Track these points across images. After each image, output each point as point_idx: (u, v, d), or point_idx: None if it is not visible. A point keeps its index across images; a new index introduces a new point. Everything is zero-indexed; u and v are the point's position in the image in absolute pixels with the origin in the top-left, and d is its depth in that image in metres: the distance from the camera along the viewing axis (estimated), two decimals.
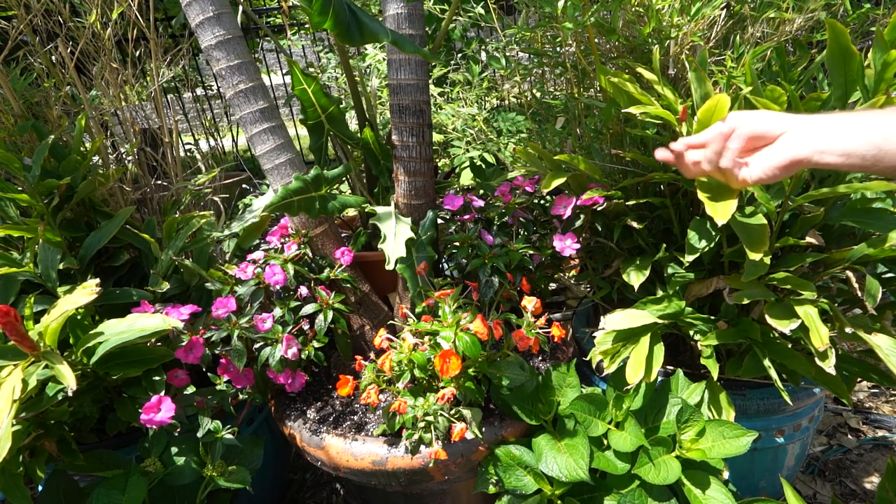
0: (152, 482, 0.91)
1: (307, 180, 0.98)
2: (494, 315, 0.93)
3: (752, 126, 0.62)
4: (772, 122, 0.61)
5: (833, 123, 0.56)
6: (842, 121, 0.56)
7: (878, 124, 0.53)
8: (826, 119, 0.58)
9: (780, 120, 0.61)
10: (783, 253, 0.92)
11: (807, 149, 0.57)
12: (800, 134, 0.58)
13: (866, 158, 0.53)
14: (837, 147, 0.55)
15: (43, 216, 1.03)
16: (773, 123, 0.61)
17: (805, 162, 0.58)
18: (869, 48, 0.76)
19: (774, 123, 0.61)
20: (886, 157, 0.52)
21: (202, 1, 0.95)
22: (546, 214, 1.17)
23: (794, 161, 0.58)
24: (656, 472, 0.84)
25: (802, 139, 0.58)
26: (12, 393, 0.72)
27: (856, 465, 1.34)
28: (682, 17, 0.96)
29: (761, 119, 0.62)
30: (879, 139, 0.53)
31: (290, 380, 1.01)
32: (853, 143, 0.54)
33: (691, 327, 0.94)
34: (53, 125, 1.30)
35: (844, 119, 0.56)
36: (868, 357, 0.95)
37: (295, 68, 1.05)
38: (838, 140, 0.55)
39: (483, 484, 0.93)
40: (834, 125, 0.56)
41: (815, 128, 0.57)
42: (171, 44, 2.58)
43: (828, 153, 0.55)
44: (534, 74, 1.48)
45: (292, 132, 3.75)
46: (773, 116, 0.62)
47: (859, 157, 0.54)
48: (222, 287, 1.03)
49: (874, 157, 0.53)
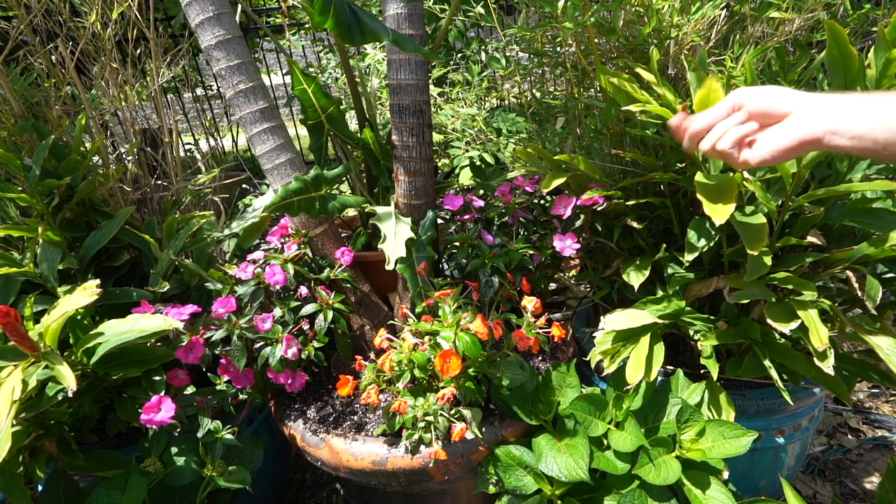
0: (152, 482, 0.91)
1: (307, 180, 0.98)
2: (494, 315, 0.93)
3: (758, 102, 0.58)
4: (780, 99, 0.57)
5: (846, 103, 0.52)
6: (855, 101, 0.52)
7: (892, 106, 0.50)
8: (838, 98, 0.53)
9: (788, 97, 0.56)
10: (783, 253, 0.92)
11: (818, 128, 0.53)
12: (810, 113, 0.54)
13: (878, 142, 0.50)
14: (850, 128, 0.51)
15: (43, 216, 1.03)
16: (780, 101, 0.56)
17: (815, 143, 0.54)
18: (869, 48, 0.76)
19: (782, 101, 0.56)
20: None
21: (202, 1, 0.95)
22: (546, 214, 1.17)
23: (803, 142, 0.54)
24: (656, 472, 0.84)
25: (813, 118, 0.54)
26: (12, 393, 0.72)
27: (856, 465, 1.34)
28: (682, 17, 0.96)
29: (769, 95, 0.57)
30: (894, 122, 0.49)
31: (290, 380, 1.01)
32: (868, 125, 0.50)
33: (691, 327, 0.94)
34: (53, 125, 1.30)
35: (858, 99, 0.52)
36: (868, 357, 0.95)
37: (295, 68, 1.05)
38: (852, 121, 0.51)
39: (483, 484, 0.93)
40: (847, 105, 0.52)
41: (827, 107, 0.53)
42: (171, 44, 2.58)
43: (840, 134, 0.52)
44: (534, 74, 1.48)
45: (292, 132, 3.75)
46: (782, 93, 0.57)
47: (872, 140, 0.50)
48: (222, 287, 1.03)
49: (887, 140, 0.49)
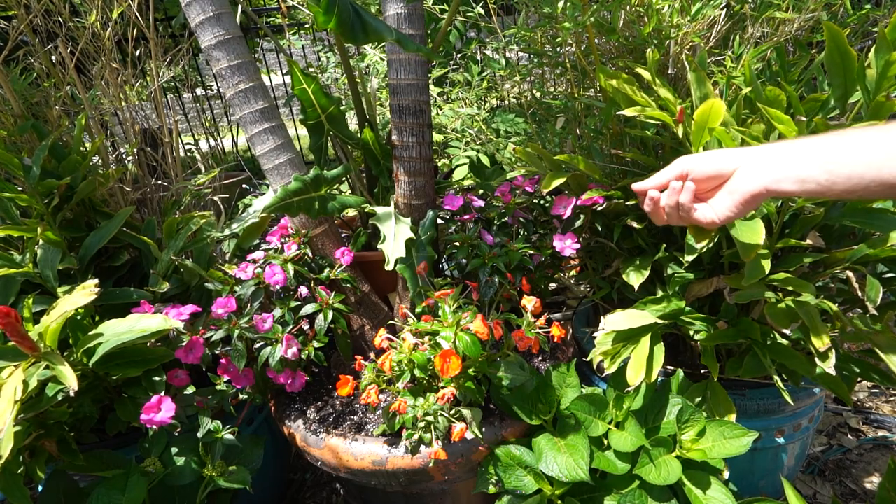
0: (152, 482, 0.91)
1: (307, 180, 0.98)
2: (494, 315, 0.93)
3: (703, 168, 0.62)
4: (722, 160, 0.61)
5: (785, 151, 0.56)
6: (794, 148, 0.56)
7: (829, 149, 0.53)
8: (778, 147, 0.57)
9: (730, 156, 0.61)
10: (783, 253, 0.92)
11: (762, 181, 0.57)
12: (752, 167, 0.58)
13: (821, 184, 0.53)
14: (791, 174, 0.55)
15: (43, 216, 1.03)
16: (724, 161, 0.61)
17: (764, 193, 0.58)
18: (869, 48, 0.76)
19: (725, 161, 0.61)
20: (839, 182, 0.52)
21: (202, 1, 0.95)
22: (546, 214, 1.17)
23: (752, 195, 0.58)
24: (657, 472, 0.84)
25: (756, 172, 0.58)
26: (14, 394, 0.72)
27: (856, 465, 1.34)
28: (682, 17, 0.96)
29: (711, 159, 0.62)
30: (831, 164, 0.52)
31: (290, 380, 1.01)
32: (806, 170, 0.54)
33: (691, 327, 0.94)
34: (53, 125, 1.30)
35: (797, 146, 0.56)
36: (868, 357, 0.95)
37: (295, 68, 1.05)
38: (792, 168, 0.55)
39: (483, 484, 0.93)
40: (786, 153, 0.56)
41: (767, 158, 0.57)
42: (171, 44, 2.58)
43: (783, 181, 0.55)
44: (533, 74, 1.48)
45: (292, 132, 3.75)
46: (723, 154, 0.61)
47: (815, 182, 0.53)
48: (222, 287, 1.03)
49: (829, 181, 0.52)
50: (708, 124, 0.79)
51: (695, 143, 0.81)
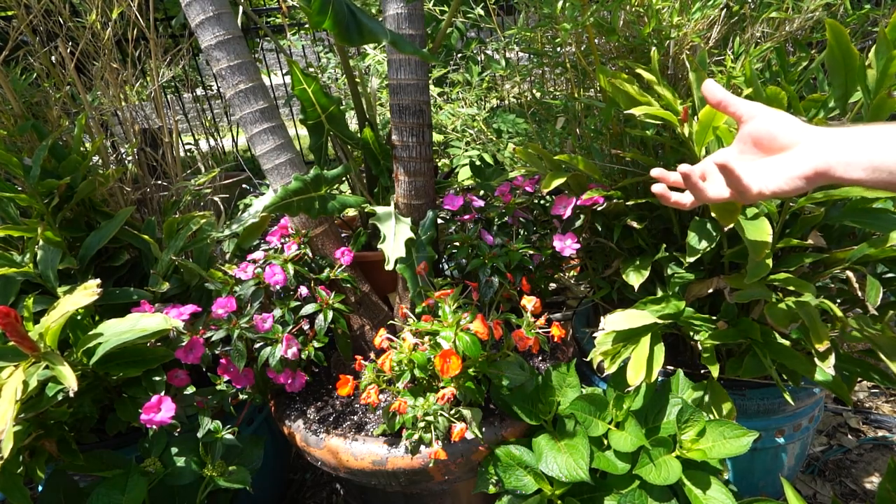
0: (152, 482, 0.91)
1: (307, 180, 0.98)
2: (494, 315, 0.93)
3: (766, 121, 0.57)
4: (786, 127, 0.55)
5: (857, 135, 0.51)
6: (864, 133, 0.51)
7: None
8: (845, 131, 0.53)
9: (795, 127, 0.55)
10: (784, 253, 0.92)
11: (828, 160, 0.52)
12: (819, 144, 0.53)
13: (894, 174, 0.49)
14: (863, 160, 0.50)
15: (43, 216, 1.03)
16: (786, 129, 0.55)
17: (829, 173, 0.52)
18: (869, 48, 0.76)
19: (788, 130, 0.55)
20: None
21: (202, 1, 0.95)
22: (546, 214, 1.17)
23: (818, 172, 0.53)
24: (657, 472, 0.84)
25: (822, 150, 0.52)
26: (14, 394, 0.72)
27: (856, 465, 1.34)
28: (682, 17, 0.96)
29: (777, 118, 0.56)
30: None
31: (290, 380, 1.01)
32: (883, 156, 0.49)
33: (691, 327, 0.94)
34: (53, 125, 1.30)
35: (866, 131, 0.51)
36: (868, 357, 0.95)
37: (295, 68, 1.05)
38: (864, 153, 0.50)
39: (483, 484, 0.93)
40: (856, 138, 0.51)
41: (836, 139, 0.52)
42: (171, 44, 2.58)
43: (853, 165, 0.50)
44: (533, 74, 1.48)
45: (292, 132, 3.75)
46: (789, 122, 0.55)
47: (888, 171, 0.49)
48: (222, 287, 1.03)
49: None
50: (713, 123, 0.79)
51: (698, 142, 0.81)
